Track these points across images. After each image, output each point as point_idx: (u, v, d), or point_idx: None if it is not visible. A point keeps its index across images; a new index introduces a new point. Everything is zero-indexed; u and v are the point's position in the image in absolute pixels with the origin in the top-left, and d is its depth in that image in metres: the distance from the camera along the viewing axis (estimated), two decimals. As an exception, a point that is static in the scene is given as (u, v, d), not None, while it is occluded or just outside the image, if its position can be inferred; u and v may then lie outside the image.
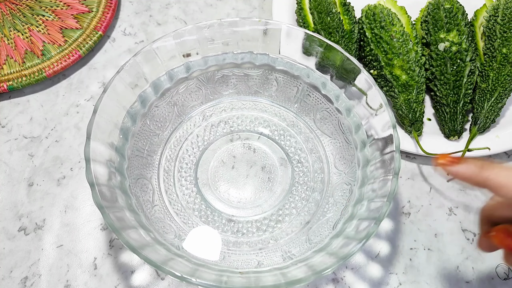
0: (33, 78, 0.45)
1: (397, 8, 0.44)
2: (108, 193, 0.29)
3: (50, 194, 0.39)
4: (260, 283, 0.27)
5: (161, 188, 0.36)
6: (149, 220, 0.33)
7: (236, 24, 0.36)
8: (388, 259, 0.37)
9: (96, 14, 0.49)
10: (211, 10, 0.52)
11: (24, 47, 0.47)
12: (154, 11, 0.52)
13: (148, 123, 0.37)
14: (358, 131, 0.35)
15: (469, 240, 0.38)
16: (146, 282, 0.35)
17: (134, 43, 0.50)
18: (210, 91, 0.40)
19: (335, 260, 0.27)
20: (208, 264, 0.31)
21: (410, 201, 0.40)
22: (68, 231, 0.38)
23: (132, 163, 0.35)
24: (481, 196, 0.40)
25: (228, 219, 0.36)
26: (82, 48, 0.47)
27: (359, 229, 0.29)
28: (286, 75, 0.39)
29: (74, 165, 0.41)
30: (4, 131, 0.43)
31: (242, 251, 0.34)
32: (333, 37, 0.43)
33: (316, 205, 0.36)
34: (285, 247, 0.34)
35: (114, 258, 0.36)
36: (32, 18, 0.49)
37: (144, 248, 0.27)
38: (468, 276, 0.36)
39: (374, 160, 0.33)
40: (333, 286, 0.36)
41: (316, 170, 0.38)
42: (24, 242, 0.37)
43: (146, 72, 0.35)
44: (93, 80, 0.46)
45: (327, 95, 0.38)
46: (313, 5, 0.45)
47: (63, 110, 0.44)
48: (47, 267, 0.36)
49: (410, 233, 0.38)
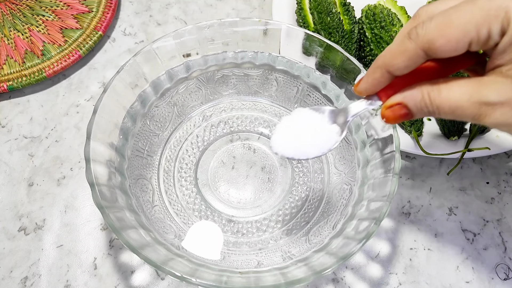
0: (33, 78, 0.45)
1: (397, 8, 0.44)
2: (108, 193, 0.29)
3: (50, 194, 0.39)
4: (260, 283, 0.27)
5: (161, 188, 0.36)
6: (149, 220, 0.33)
7: (236, 24, 0.36)
8: (388, 259, 0.37)
9: (96, 14, 0.49)
10: (211, 10, 0.52)
11: (24, 47, 0.47)
12: (154, 11, 0.52)
13: (148, 123, 0.37)
14: (358, 131, 0.35)
15: (469, 240, 0.38)
16: (146, 282, 0.35)
17: (134, 43, 0.50)
18: (210, 91, 0.40)
19: (335, 260, 0.27)
20: (208, 264, 0.31)
21: (410, 201, 0.40)
22: (68, 231, 0.38)
23: (132, 163, 0.35)
24: (481, 196, 0.40)
25: (228, 219, 0.36)
26: (82, 48, 0.47)
27: (359, 229, 0.29)
28: (286, 75, 0.39)
29: (74, 165, 0.41)
30: (4, 131, 0.43)
31: (242, 251, 0.34)
32: (333, 37, 0.43)
33: (316, 205, 0.36)
34: (285, 247, 0.34)
35: (114, 258, 0.36)
36: (32, 18, 0.49)
37: (144, 248, 0.27)
38: (468, 276, 0.36)
39: (374, 160, 0.33)
40: (333, 286, 0.36)
41: (316, 170, 0.38)
42: (24, 242, 0.37)
43: (146, 72, 0.35)
44: (93, 80, 0.46)
45: (327, 95, 0.38)
46: (313, 5, 0.45)
47: (63, 110, 0.44)
48: (47, 267, 0.36)
49: (410, 233, 0.38)
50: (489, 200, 0.40)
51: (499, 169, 0.42)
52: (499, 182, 0.41)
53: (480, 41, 0.20)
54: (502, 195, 0.40)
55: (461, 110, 0.21)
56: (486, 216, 0.39)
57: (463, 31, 0.19)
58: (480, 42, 0.20)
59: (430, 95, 0.21)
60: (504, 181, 0.41)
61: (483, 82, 0.20)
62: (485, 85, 0.20)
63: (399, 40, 0.22)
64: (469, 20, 0.19)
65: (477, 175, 0.41)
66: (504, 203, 0.40)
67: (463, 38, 0.20)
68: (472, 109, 0.20)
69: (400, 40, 0.22)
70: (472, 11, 0.19)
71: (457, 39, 0.20)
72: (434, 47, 0.20)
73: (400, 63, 0.22)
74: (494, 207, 0.40)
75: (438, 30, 0.20)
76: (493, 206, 0.40)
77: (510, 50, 0.19)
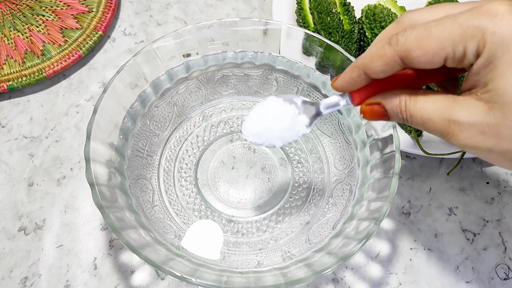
0: (33, 78, 0.45)
1: (397, 8, 0.44)
2: (108, 193, 0.29)
3: (50, 194, 0.39)
4: (260, 283, 0.27)
5: (161, 188, 0.36)
6: (149, 220, 0.33)
7: (236, 24, 0.36)
8: (388, 259, 0.37)
9: (96, 14, 0.49)
10: (211, 10, 0.52)
11: (24, 47, 0.47)
12: (154, 11, 0.52)
13: (148, 123, 0.37)
14: (358, 131, 0.35)
15: (469, 240, 0.38)
16: (146, 282, 0.35)
17: (134, 43, 0.50)
18: (210, 91, 0.40)
19: (335, 260, 0.27)
20: (208, 264, 0.31)
21: (410, 201, 0.40)
22: (68, 231, 0.38)
23: (132, 163, 0.35)
24: (481, 196, 0.40)
25: (228, 219, 0.36)
26: (82, 48, 0.47)
27: (359, 229, 0.29)
28: (286, 75, 0.39)
29: (74, 165, 0.41)
30: (4, 131, 0.43)
31: (242, 251, 0.34)
32: (333, 37, 0.43)
33: (316, 205, 0.36)
34: (285, 247, 0.34)
35: (114, 258, 0.36)
36: (32, 18, 0.49)
37: (144, 248, 0.27)
38: (468, 276, 0.36)
39: (374, 160, 0.33)
40: (333, 286, 0.36)
41: (316, 171, 0.38)
42: (24, 242, 0.37)
43: (146, 72, 0.35)
44: (93, 80, 0.46)
45: (327, 95, 0.38)
46: (313, 5, 0.45)
47: (63, 110, 0.44)
48: (47, 267, 0.36)
49: (410, 233, 0.38)
50: (489, 200, 0.40)
51: (499, 169, 0.42)
52: (499, 182, 0.41)
53: (455, 59, 0.20)
54: (502, 195, 0.40)
55: (431, 124, 0.21)
56: (486, 216, 0.39)
57: (440, 46, 0.19)
58: (455, 59, 0.20)
59: (406, 103, 0.22)
60: (504, 181, 0.41)
61: (457, 101, 0.20)
62: (458, 104, 0.20)
63: (379, 45, 0.22)
64: (447, 36, 0.19)
65: (477, 175, 0.41)
66: (504, 203, 0.40)
67: (439, 52, 0.20)
68: (442, 125, 0.20)
69: (379, 44, 0.22)
70: (451, 27, 0.19)
71: (433, 53, 0.20)
72: (411, 57, 0.20)
73: (377, 67, 0.22)
74: (494, 207, 0.40)
75: (417, 41, 0.20)
76: (493, 206, 0.40)
77: (484, 73, 0.19)
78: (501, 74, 0.19)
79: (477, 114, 0.20)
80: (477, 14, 0.19)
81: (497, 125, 0.19)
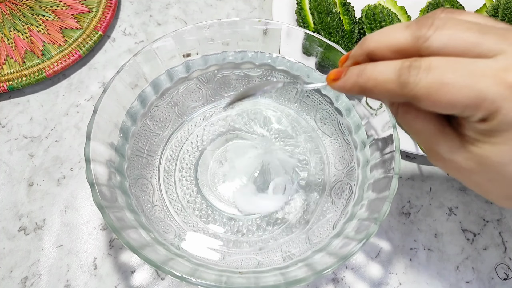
0: (33, 78, 0.45)
1: (397, 8, 0.44)
2: (108, 193, 0.29)
3: (50, 194, 0.39)
4: (260, 283, 0.27)
5: (161, 188, 0.36)
6: (149, 220, 0.33)
7: (236, 24, 0.36)
8: (388, 259, 0.37)
9: (96, 14, 0.49)
10: (211, 10, 0.52)
11: (24, 47, 0.47)
12: (154, 11, 0.52)
13: (148, 123, 0.37)
14: (358, 131, 0.35)
15: (469, 240, 0.38)
16: (146, 282, 0.35)
17: (134, 43, 0.50)
18: (211, 93, 0.40)
19: (335, 260, 0.27)
20: (208, 264, 0.31)
21: (410, 201, 0.40)
22: (68, 231, 0.38)
23: (132, 163, 0.35)
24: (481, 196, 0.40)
25: (229, 217, 0.36)
26: (82, 48, 0.47)
27: (359, 229, 0.29)
28: (286, 75, 0.39)
29: (74, 165, 0.41)
30: (4, 131, 0.43)
31: (242, 251, 0.34)
32: (333, 37, 0.43)
33: (316, 205, 0.36)
34: (285, 247, 0.34)
35: (114, 258, 0.36)
36: (32, 18, 0.49)
37: (144, 248, 0.27)
38: (468, 276, 0.36)
39: (374, 160, 0.33)
40: (333, 286, 0.36)
41: (316, 170, 0.38)
42: (24, 242, 0.37)
43: (146, 72, 0.36)
44: (93, 80, 0.46)
45: (327, 95, 0.38)
46: (313, 5, 0.45)
47: (63, 110, 0.44)
48: (47, 267, 0.36)
49: (410, 233, 0.38)
50: (489, 200, 0.40)
51: (499, 169, 0.41)
52: (499, 182, 0.41)
53: (459, 114, 0.19)
54: (502, 195, 0.40)
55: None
56: (486, 216, 0.39)
57: (450, 105, 0.19)
58: (459, 114, 0.19)
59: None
60: (504, 181, 0.41)
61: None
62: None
63: (388, 68, 0.20)
64: (460, 100, 0.18)
65: (477, 175, 0.41)
66: (504, 203, 0.40)
67: (447, 108, 0.19)
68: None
69: (389, 67, 0.20)
70: (468, 91, 0.18)
71: (441, 108, 0.19)
72: (417, 102, 0.20)
73: (377, 95, 0.21)
74: (494, 207, 0.40)
75: (428, 92, 0.19)
76: (493, 206, 0.40)
77: (480, 136, 0.19)
78: (500, 148, 0.19)
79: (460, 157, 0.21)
80: (499, 83, 0.18)
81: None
